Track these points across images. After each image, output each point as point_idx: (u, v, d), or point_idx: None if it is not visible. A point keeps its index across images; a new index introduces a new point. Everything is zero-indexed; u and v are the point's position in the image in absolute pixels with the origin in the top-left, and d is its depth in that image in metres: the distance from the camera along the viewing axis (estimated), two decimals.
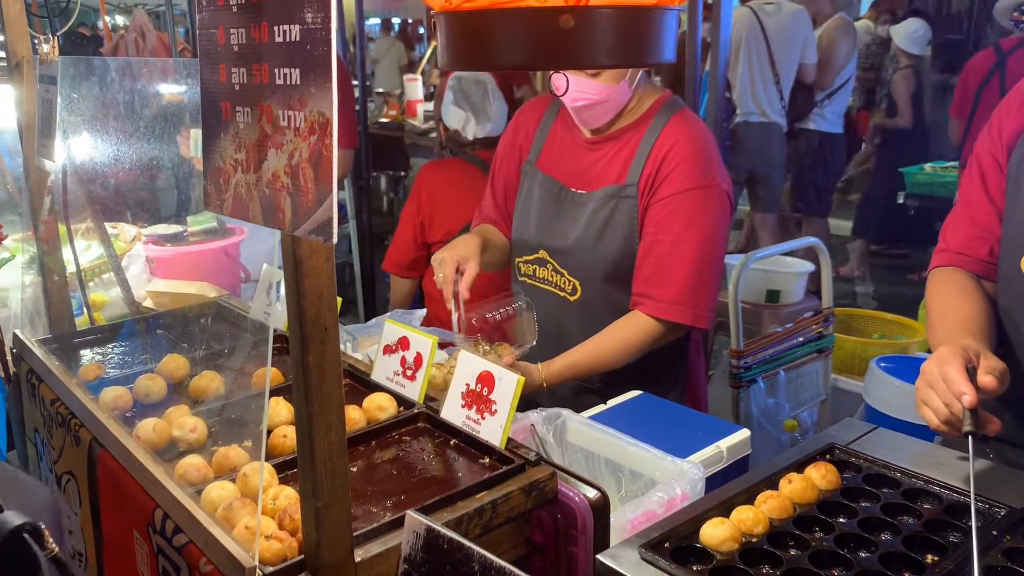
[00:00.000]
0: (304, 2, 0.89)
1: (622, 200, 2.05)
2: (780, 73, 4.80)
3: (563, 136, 2.20)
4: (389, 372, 1.71)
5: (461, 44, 0.73)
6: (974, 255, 1.68)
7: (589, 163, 2.13)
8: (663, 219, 2.01)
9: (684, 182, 1.99)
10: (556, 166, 2.19)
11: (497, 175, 2.37)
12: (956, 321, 1.57)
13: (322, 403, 1.07)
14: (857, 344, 3.52)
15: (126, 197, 2.74)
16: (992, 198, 1.65)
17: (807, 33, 4.93)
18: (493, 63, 0.74)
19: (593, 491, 1.39)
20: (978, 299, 1.62)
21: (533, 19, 0.69)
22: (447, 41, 0.75)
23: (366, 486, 1.39)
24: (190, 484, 1.36)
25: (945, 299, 1.66)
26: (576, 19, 0.68)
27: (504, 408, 1.46)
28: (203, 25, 1.10)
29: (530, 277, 2.26)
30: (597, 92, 1.99)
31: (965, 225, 1.71)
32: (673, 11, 0.73)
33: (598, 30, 0.68)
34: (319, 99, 0.90)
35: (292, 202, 0.97)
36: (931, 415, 1.41)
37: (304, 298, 1.04)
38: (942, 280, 1.70)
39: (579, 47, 0.68)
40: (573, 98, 2.01)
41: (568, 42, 0.68)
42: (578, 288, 2.14)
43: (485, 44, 0.71)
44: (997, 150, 1.64)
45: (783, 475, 1.43)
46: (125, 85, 2.22)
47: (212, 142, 1.11)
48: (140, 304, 2.55)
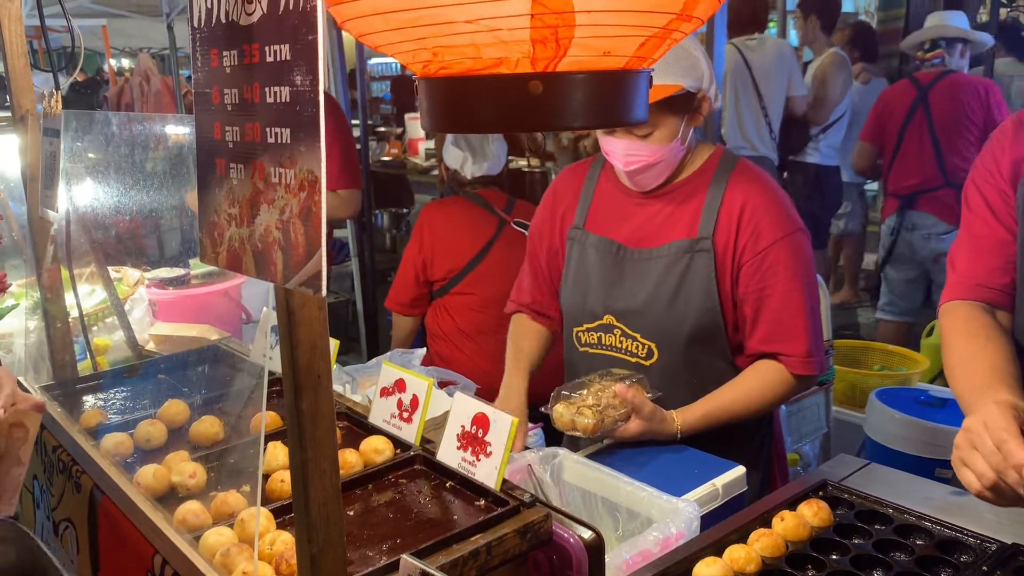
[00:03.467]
0: (293, 65, 0.93)
1: (697, 254, 1.96)
2: (768, 107, 4.81)
3: (612, 196, 2.11)
4: (386, 414, 1.72)
5: (439, 108, 0.77)
6: (996, 285, 1.64)
7: (645, 218, 2.05)
8: (765, 273, 1.94)
9: (775, 232, 1.93)
10: (608, 226, 2.09)
11: (539, 250, 2.25)
12: (984, 367, 1.50)
13: (316, 450, 1.09)
14: (857, 376, 3.53)
15: (129, 243, 2.78)
16: (1007, 226, 1.63)
17: (791, 66, 4.93)
18: (467, 126, 0.77)
19: (588, 532, 1.40)
20: (1001, 339, 1.57)
21: (503, 85, 0.72)
22: (426, 104, 0.78)
23: (362, 530, 1.40)
24: (189, 530, 1.38)
25: (968, 340, 1.59)
26: (544, 85, 0.71)
27: (499, 450, 1.47)
28: (198, 84, 1.14)
29: (593, 346, 2.11)
30: (650, 153, 1.92)
31: (981, 256, 1.67)
32: (642, 73, 0.76)
33: (567, 95, 0.71)
34: (308, 157, 0.93)
35: (284, 256, 1.00)
36: (973, 479, 1.32)
37: (297, 347, 1.06)
38: (961, 318, 1.65)
39: (549, 111, 0.71)
40: (626, 162, 1.95)
41: (538, 106, 0.71)
42: (654, 351, 2.01)
43: (460, 109, 0.75)
44: (1000, 182, 1.63)
45: (776, 513, 1.44)
46: (125, 136, 2.27)
47: (207, 196, 1.15)
48: (143, 347, 2.58)
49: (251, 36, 1.00)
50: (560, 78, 0.70)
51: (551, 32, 0.67)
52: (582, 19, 0.66)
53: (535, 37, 0.68)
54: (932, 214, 4.37)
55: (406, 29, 0.73)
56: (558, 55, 0.71)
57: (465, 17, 0.68)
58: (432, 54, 0.75)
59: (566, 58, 0.71)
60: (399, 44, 0.77)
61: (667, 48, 0.75)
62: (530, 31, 0.67)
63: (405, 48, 0.77)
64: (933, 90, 4.34)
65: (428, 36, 0.73)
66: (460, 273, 3.19)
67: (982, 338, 1.57)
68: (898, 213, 4.48)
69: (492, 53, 0.71)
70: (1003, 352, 1.53)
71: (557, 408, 1.89)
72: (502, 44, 0.70)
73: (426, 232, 3.22)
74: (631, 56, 0.75)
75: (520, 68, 0.70)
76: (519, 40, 0.69)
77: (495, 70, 0.71)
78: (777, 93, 4.86)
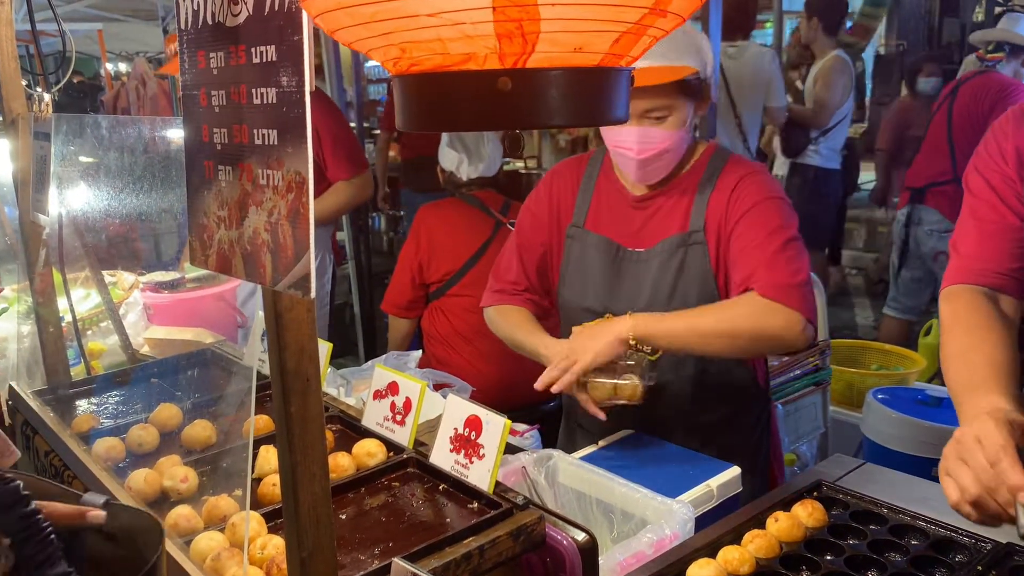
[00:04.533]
0: (279, 66, 0.92)
1: (691, 247, 1.96)
2: (743, 119, 4.64)
3: (610, 195, 2.10)
4: (379, 417, 1.72)
5: (412, 106, 0.76)
6: (1004, 269, 1.60)
7: (643, 221, 2.05)
8: (750, 227, 1.91)
9: (760, 192, 1.92)
10: (609, 226, 2.08)
11: (531, 240, 2.20)
12: (981, 361, 1.45)
13: (305, 453, 1.08)
14: (855, 376, 3.52)
15: (123, 246, 2.78)
16: (1015, 210, 1.60)
17: (771, 75, 4.73)
18: (440, 124, 0.76)
19: (581, 534, 1.39)
20: (1002, 330, 1.52)
21: (472, 82, 0.71)
22: (399, 103, 0.77)
23: (355, 533, 1.40)
24: (180, 534, 1.37)
25: (968, 331, 1.54)
26: (513, 81, 0.70)
27: (492, 452, 1.47)
28: (186, 86, 1.14)
29: None
30: (663, 139, 1.91)
31: (987, 240, 1.62)
32: (621, 71, 0.75)
33: (538, 92, 0.71)
34: (295, 159, 0.92)
35: (272, 258, 1.00)
36: (956, 493, 1.25)
37: (285, 350, 1.05)
38: (963, 305, 1.59)
39: (521, 108, 0.70)
40: (639, 149, 1.91)
41: (509, 104, 0.70)
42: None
43: (432, 106, 0.74)
44: (1004, 167, 1.61)
45: (770, 513, 1.44)
46: (116, 140, 2.26)
47: (196, 199, 1.14)
48: (138, 351, 2.57)
49: (237, 37, 0.99)
50: (529, 74, 0.69)
51: (516, 26, 0.66)
52: (546, 12, 0.65)
53: (499, 31, 0.67)
54: (937, 209, 4.40)
55: (371, 24, 0.72)
56: (526, 51, 0.70)
57: (428, 10, 0.67)
58: (400, 50, 0.74)
59: (535, 54, 0.70)
60: (368, 40, 0.76)
61: (646, 46, 0.74)
62: (494, 24, 0.66)
63: (374, 44, 0.76)
64: (963, 88, 4.36)
65: (394, 31, 0.71)
66: (457, 275, 3.19)
67: (983, 329, 1.52)
68: (909, 205, 4.53)
69: (459, 48, 0.70)
70: (1003, 345, 1.48)
71: (593, 382, 1.86)
72: (467, 39, 0.69)
73: (423, 234, 3.22)
74: (605, 53, 0.73)
75: (488, 64, 0.69)
76: (484, 35, 0.68)
77: (464, 66, 0.70)
78: (753, 106, 4.69)
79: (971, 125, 4.26)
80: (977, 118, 4.25)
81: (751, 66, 4.68)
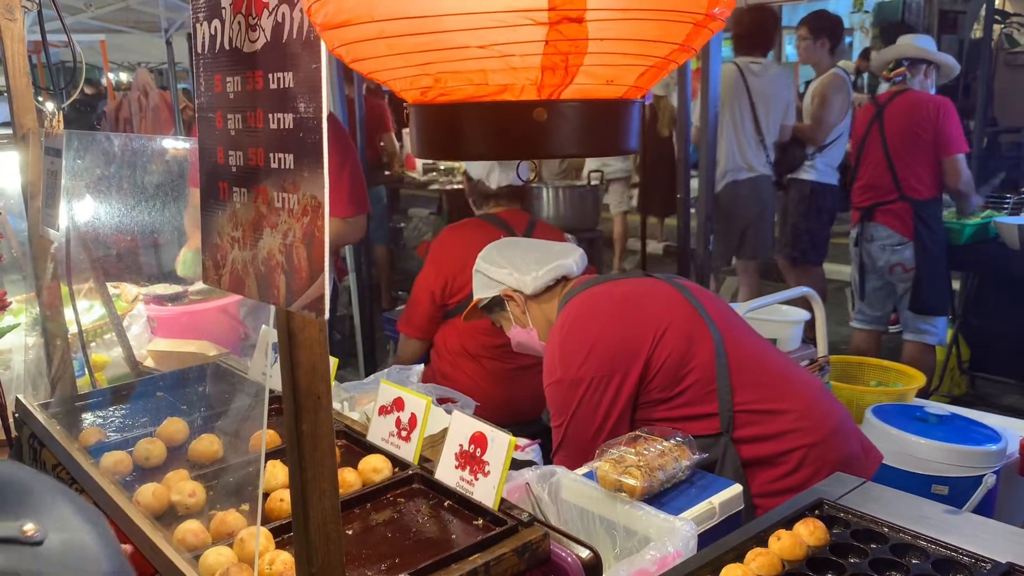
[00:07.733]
0: (296, 93, 0.94)
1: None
2: (764, 132, 4.91)
3: None
4: (384, 433, 1.73)
5: (437, 135, 0.77)
6: None
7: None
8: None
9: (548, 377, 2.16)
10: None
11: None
12: None
13: (316, 470, 1.10)
14: (854, 392, 3.53)
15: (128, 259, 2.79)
16: None
17: (789, 95, 5.03)
18: (464, 153, 0.78)
19: (586, 551, 1.41)
20: None
21: (508, 112, 0.73)
22: (420, 132, 0.79)
23: (361, 549, 1.41)
24: (188, 549, 1.38)
25: None
26: (548, 112, 0.72)
27: (497, 469, 1.48)
28: (202, 108, 1.16)
29: None
30: (512, 337, 2.45)
31: None
32: (636, 103, 0.78)
33: (568, 123, 0.73)
34: (311, 183, 0.94)
35: (287, 279, 1.01)
36: None
37: (297, 368, 1.07)
38: None
39: (549, 139, 0.72)
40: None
41: (539, 134, 0.72)
42: None
43: (459, 135, 0.76)
44: None
45: (772, 532, 1.45)
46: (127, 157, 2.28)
47: (210, 219, 1.16)
48: (141, 363, 2.58)
49: (255, 63, 1.01)
50: (564, 106, 0.71)
51: (562, 59, 0.68)
52: (594, 47, 0.67)
53: (546, 64, 0.68)
54: (887, 226, 4.53)
55: (411, 54, 0.74)
56: (564, 83, 0.72)
57: (478, 43, 0.68)
58: (434, 80, 0.76)
59: (571, 86, 0.72)
60: (399, 69, 0.78)
61: (658, 78, 0.76)
62: (542, 57, 0.68)
63: (405, 74, 0.78)
64: (888, 108, 4.49)
65: (434, 61, 0.73)
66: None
67: None
68: (860, 224, 4.67)
69: (499, 79, 0.72)
70: None
71: (602, 467, 1.77)
72: (511, 71, 0.70)
73: (445, 255, 3.15)
74: (631, 86, 0.76)
75: (525, 95, 0.71)
76: (530, 67, 0.69)
77: (499, 96, 0.72)
78: (774, 121, 4.95)
79: (904, 143, 4.42)
80: (909, 135, 4.40)
81: (775, 83, 4.93)
